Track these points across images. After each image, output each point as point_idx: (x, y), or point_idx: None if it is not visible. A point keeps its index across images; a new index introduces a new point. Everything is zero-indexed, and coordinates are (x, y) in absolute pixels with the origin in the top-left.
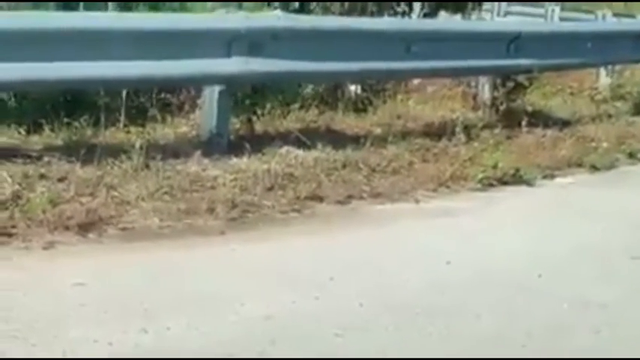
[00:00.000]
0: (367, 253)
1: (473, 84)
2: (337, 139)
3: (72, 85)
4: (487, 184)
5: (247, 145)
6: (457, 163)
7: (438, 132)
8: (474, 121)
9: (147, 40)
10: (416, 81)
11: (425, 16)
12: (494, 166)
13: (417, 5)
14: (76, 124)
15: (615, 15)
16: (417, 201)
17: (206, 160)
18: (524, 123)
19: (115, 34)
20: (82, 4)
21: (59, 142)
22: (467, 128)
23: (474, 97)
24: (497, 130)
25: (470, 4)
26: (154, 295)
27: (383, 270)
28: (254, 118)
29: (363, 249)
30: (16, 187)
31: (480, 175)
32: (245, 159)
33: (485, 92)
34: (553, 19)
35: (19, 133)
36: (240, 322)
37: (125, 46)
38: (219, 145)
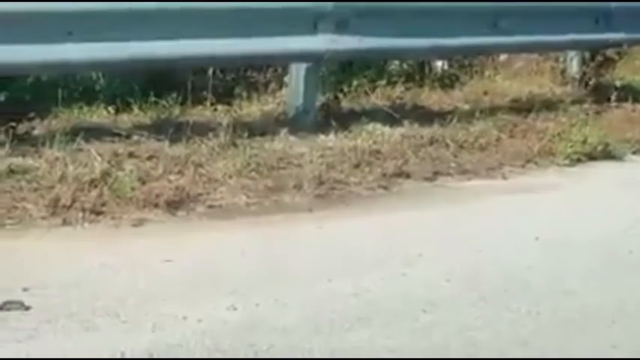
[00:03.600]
0: (455, 229)
1: (561, 59)
2: (424, 116)
3: (161, 64)
4: (576, 159)
5: (334, 122)
6: (545, 139)
7: (525, 107)
8: (562, 96)
9: (235, 18)
10: (503, 56)
11: None
12: (583, 142)
13: None
14: (164, 102)
15: None
16: (504, 177)
17: (293, 138)
18: (613, 98)
19: (203, 12)
20: None
21: (148, 120)
22: (555, 103)
23: (562, 72)
24: (585, 105)
25: None
26: (242, 272)
27: (471, 246)
28: (340, 95)
29: (451, 225)
30: (106, 165)
31: (569, 151)
32: (331, 136)
33: (574, 67)
34: None
35: (109, 112)
36: (328, 299)
37: (213, 25)
38: (306, 122)
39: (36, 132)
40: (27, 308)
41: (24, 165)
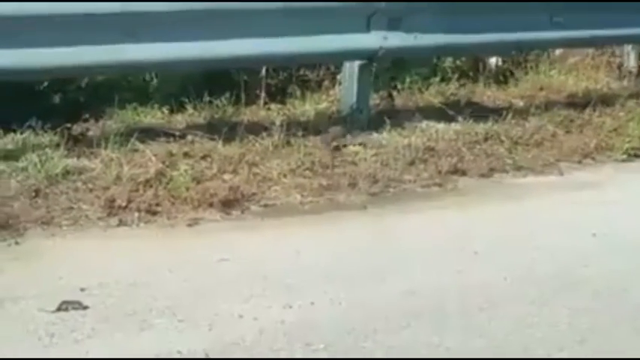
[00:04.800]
0: (511, 226)
1: (617, 53)
2: (478, 112)
3: (215, 64)
4: (633, 154)
5: (387, 120)
6: (602, 134)
7: (581, 102)
8: (619, 90)
9: (287, 17)
10: (558, 51)
11: None
12: None
13: None
14: (218, 102)
15: None
16: (561, 173)
17: (347, 136)
18: None
19: (257, 12)
20: None
21: (201, 120)
22: (612, 98)
23: (619, 67)
24: None
25: None
26: (296, 271)
27: (527, 243)
28: (394, 92)
29: (507, 222)
30: (160, 165)
31: (626, 146)
32: (385, 134)
33: (631, 61)
34: None
35: (163, 112)
36: (384, 297)
37: (267, 24)
38: (360, 120)
39: (91, 133)
40: (85, 308)
41: (79, 166)
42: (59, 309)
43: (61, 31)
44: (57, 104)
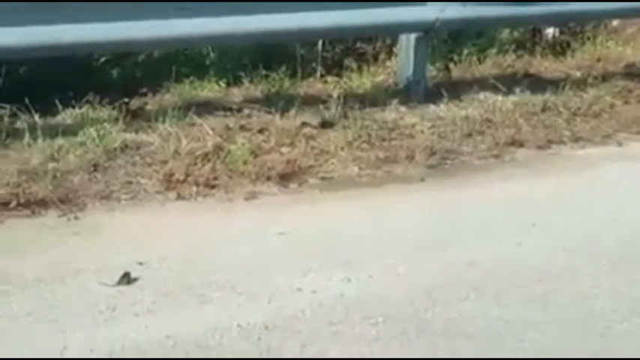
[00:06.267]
0: (569, 197)
1: None
2: (535, 83)
3: (272, 37)
4: None
5: (444, 92)
6: None
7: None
8: None
9: None
10: (615, 22)
11: None
12: None
13: None
14: (274, 75)
15: None
16: (619, 144)
17: (403, 108)
18: None
19: None
20: None
21: (258, 94)
22: None
23: None
24: None
25: None
26: (355, 243)
27: (586, 215)
28: (451, 64)
29: (565, 194)
30: (218, 139)
31: None
32: (442, 106)
33: None
34: None
35: (220, 86)
36: (443, 269)
37: None
38: (417, 92)
39: (148, 107)
40: (143, 282)
41: (137, 140)
42: (118, 283)
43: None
44: (114, 79)
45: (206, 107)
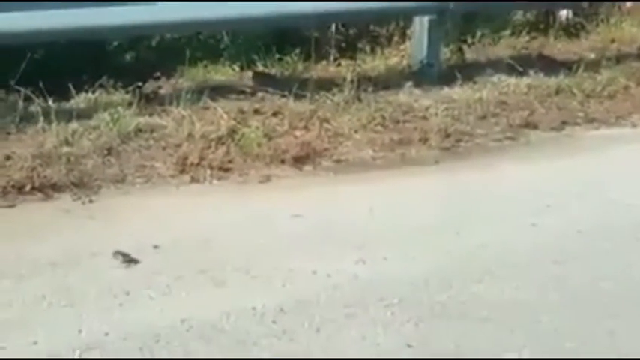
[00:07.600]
0: (584, 179)
1: None
2: (549, 65)
3: (285, 21)
4: None
5: (458, 74)
6: None
7: None
8: None
9: None
10: (629, 3)
11: None
12: None
13: None
14: (288, 59)
15: None
16: (633, 125)
17: (417, 91)
18: None
19: None
20: None
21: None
22: None
23: None
24: None
25: None
26: (369, 226)
27: (601, 196)
28: (464, 46)
29: (580, 175)
30: (232, 122)
31: None
32: (456, 88)
33: None
34: None
35: (233, 70)
36: (457, 251)
37: None
38: (431, 75)
39: (162, 91)
40: (157, 266)
41: (151, 124)
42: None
43: None
44: (128, 63)
45: (220, 90)
